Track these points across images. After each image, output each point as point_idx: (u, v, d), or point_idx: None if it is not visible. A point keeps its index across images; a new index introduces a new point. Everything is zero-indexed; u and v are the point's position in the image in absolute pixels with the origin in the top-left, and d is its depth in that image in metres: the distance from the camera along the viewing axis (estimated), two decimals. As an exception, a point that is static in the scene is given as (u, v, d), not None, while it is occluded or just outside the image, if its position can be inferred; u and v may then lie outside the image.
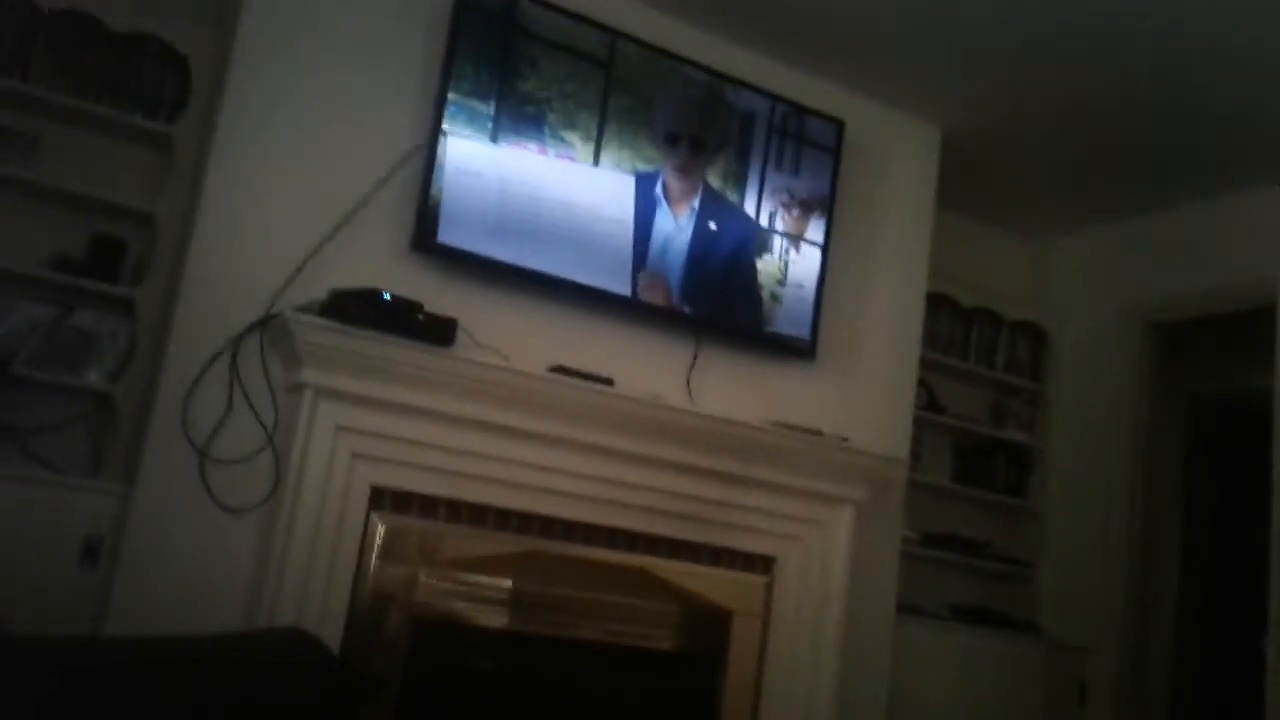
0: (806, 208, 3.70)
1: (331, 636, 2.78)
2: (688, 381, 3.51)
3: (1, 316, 3.03)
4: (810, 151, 3.73)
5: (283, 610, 2.74)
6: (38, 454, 3.04)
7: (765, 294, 3.60)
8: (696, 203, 3.51)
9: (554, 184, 3.26)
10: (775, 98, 3.67)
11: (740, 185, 3.59)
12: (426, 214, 3.07)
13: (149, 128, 3.29)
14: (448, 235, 3.10)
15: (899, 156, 4.08)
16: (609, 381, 3.23)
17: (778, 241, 3.64)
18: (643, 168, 3.42)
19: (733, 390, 3.59)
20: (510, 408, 3.06)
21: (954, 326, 4.68)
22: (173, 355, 2.86)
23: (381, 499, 2.97)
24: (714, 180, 3.55)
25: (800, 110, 3.72)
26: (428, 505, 3.03)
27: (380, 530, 2.96)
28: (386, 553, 2.96)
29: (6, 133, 3.16)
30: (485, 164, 3.16)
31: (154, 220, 3.23)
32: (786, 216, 3.67)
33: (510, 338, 3.21)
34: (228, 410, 2.87)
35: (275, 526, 2.81)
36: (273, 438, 2.90)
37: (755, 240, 3.61)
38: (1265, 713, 3.66)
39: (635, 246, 3.38)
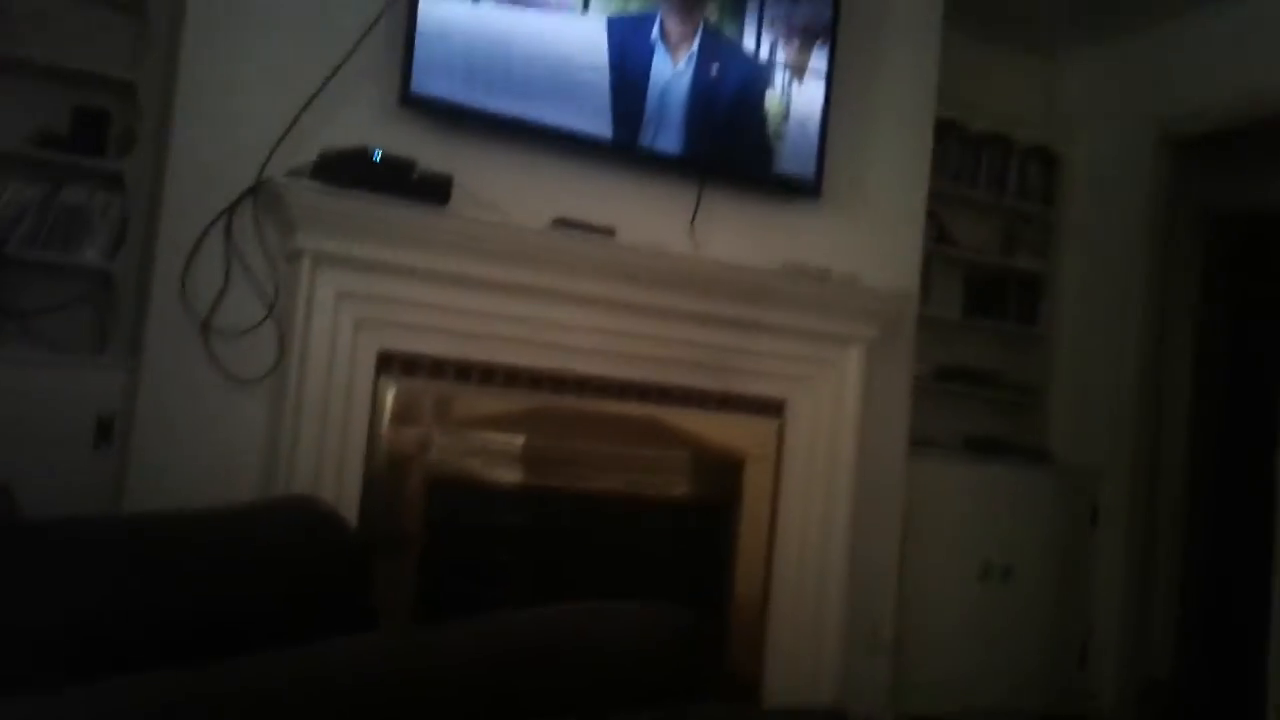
0: (809, 36, 3.56)
1: (349, 501, 2.83)
2: (691, 227, 3.45)
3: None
4: (810, -26, 3.56)
5: (299, 478, 2.78)
6: (42, 334, 3.03)
7: (770, 133, 3.50)
8: (696, 45, 3.38)
9: (548, 33, 3.13)
10: (771, -81, 3.49)
11: (739, 17, 3.45)
12: (414, 67, 2.96)
13: (121, -8, 3.16)
14: (434, 87, 2.99)
15: (903, -23, 3.89)
16: (611, 232, 3.17)
17: (780, 75, 3.52)
18: (637, 7, 3.28)
19: (738, 234, 3.54)
20: (512, 264, 3.03)
21: (963, 154, 4.56)
22: (166, 228, 2.81)
23: (389, 363, 2.97)
24: (712, 15, 3.40)
25: (798, -68, 3.54)
26: (436, 367, 3.03)
27: (390, 394, 2.97)
28: (398, 416, 2.98)
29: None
30: (470, 11, 3.02)
31: (135, 89, 3.13)
32: (788, 47, 3.53)
33: (508, 193, 3.15)
34: (226, 283, 2.84)
35: (284, 397, 2.82)
36: (274, 308, 2.88)
37: (758, 78, 3.48)
38: (1277, 530, 3.71)
39: (633, 93, 3.27)
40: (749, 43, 3.47)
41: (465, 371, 3.07)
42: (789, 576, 3.54)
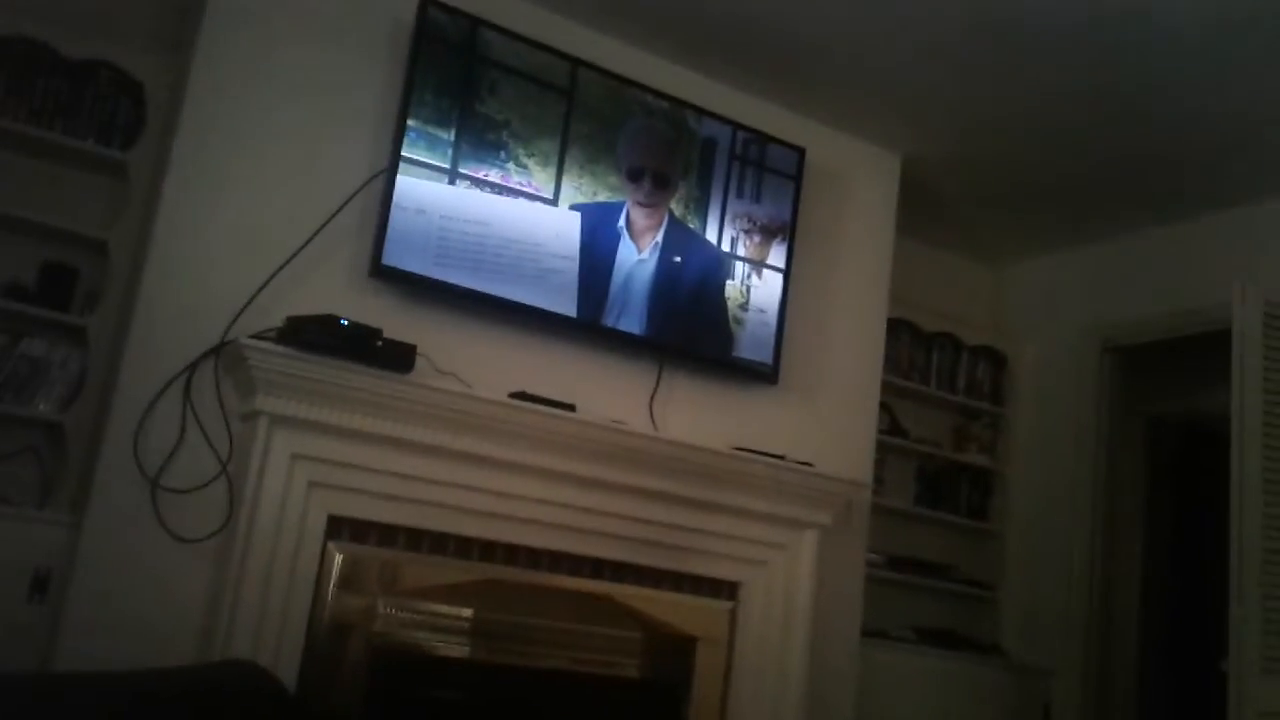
0: (768, 233, 3.71)
1: (289, 668, 2.73)
2: (650, 407, 3.50)
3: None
4: (772, 178, 3.74)
5: (238, 643, 2.68)
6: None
7: (728, 320, 3.60)
8: (660, 235, 3.51)
9: (513, 217, 3.24)
10: (737, 125, 3.69)
11: (702, 211, 3.60)
12: (385, 240, 3.04)
13: (103, 154, 3.25)
14: (407, 261, 3.07)
15: (860, 183, 4.10)
16: (571, 407, 3.20)
17: (740, 267, 3.65)
18: (605, 197, 3.42)
19: (696, 415, 3.58)
20: (471, 434, 3.03)
21: (915, 351, 4.71)
22: (125, 383, 2.80)
23: (339, 528, 2.92)
24: (676, 209, 3.55)
25: (762, 137, 3.73)
26: (387, 534, 2.99)
27: (338, 559, 2.91)
28: (345, 582, 2.91)
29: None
30: (445, 193, 3.14)
31: (107, 247, 3.18)
32: (748, 242, 3.67)
33: (471, 364, 3.19)
34: (180, 439, 2.82)
35: (230, 557, 2.75)
36: (227, 466, 2.85)
37: (719, 267, 3.61)
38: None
39: (595, 276, 3.36)
40: (711, 235, 3.61)
41: (416, 539, 3.03)
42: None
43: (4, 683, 1.64)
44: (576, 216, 3.36)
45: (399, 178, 3.07)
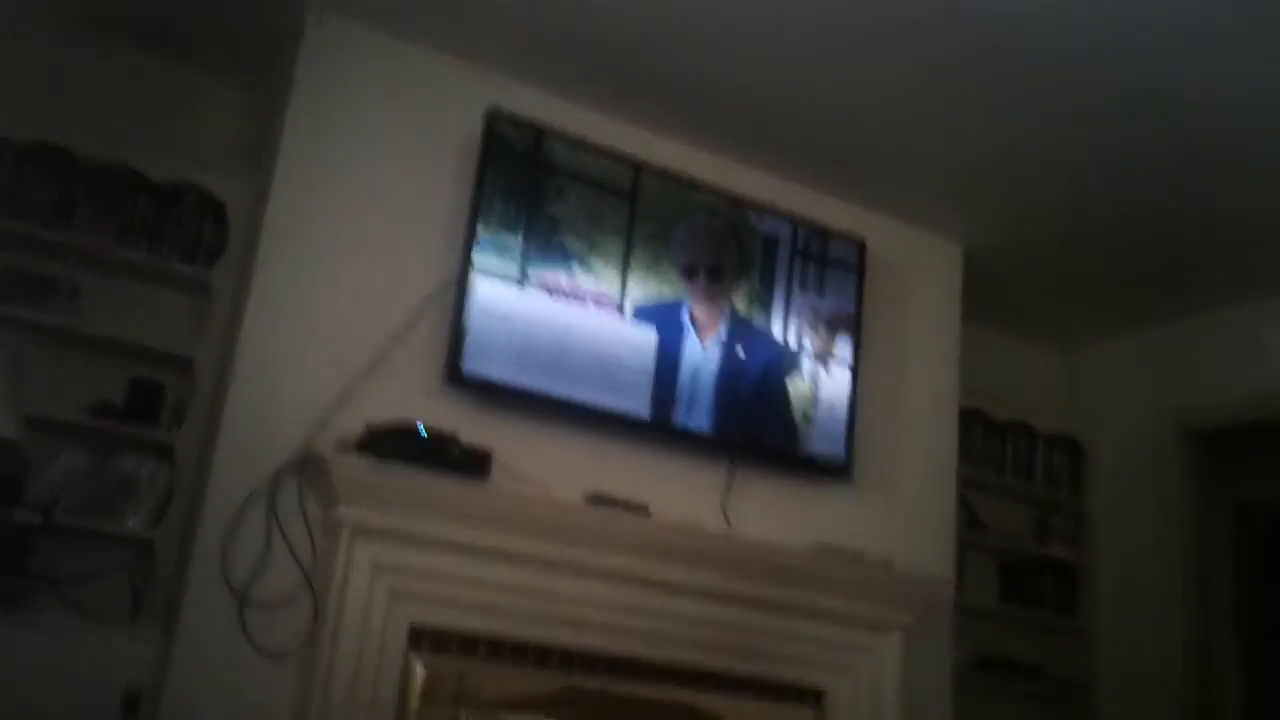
0: (833, 326, 3.71)
1: (374, 782, 2.71)
2: (723, 506, 3.47)
3: (43, 465, 3.04)
4: (834, 271, 3.76)
5: (324, 756, 2.67)
6: (78, 603, 3.01)
7: (797, 415, 3.59)
8: (723, 329, 3.53)
9: (583, 322, 3.29)
10: (797, 220, 3.72)
11: (766, 308, 3.61)
12: (459, 347, 3.09)
13: (187, 273, 3.35)
14: (480, 367, 3.11)
15: (923, 272, 4.10)
16: (645, 508, 3.19)
17: (806, 362, 3.64)
18: (669, 295, 3.45)
19: (770, 513, 3.55)
20: (548, 538, 3.03)
21: (989, 442, 4.62)
22: (211, 498, 2.85)
23: (420, 638, 2.92)
24: (740, 305, 3.57)
25: (823, 232, 3.76)
26: (467, 643, 2.98)
27: (420, 672, 2.90)
28: (427, 695, 2.90)
29: (49, 282, 3.22)
30: (514, 299, 3.19)
31: (193, 364, 3.27)
32: (814, 336, 3.67)
33: (544, 467, 3.20)
34: (266, 551, 2.85)
35: (314, 671, 2.76)
36: (311, 579, 2.87)
37: (784, 362, 3.61)
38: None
39: (664, 374, 3.38)
40: (776, 329, 3.61)
41: (496, 649, 3.01)
42: None
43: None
44: (646, 317, 3.39)
45: (472, 284, 3.13)
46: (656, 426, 3.37)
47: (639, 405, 3.33)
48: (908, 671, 3.54)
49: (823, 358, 3.67)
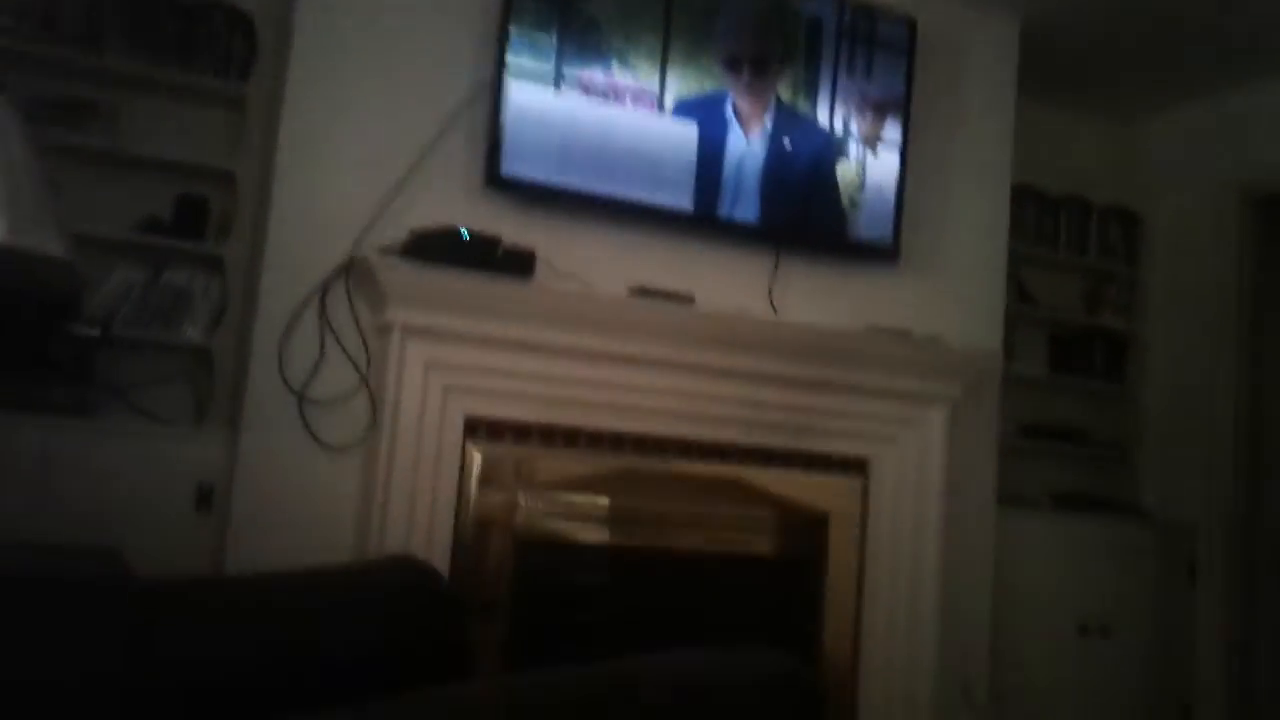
0: (881, 110, 3.62)
1: (438, 563, 2.87)
2: (770, 295, 3.49)
3: (99, 281, 3.14)
4: (882, 53, 3.62)
5: (391, 542, 2.84)
6: (144, 409, 3.17)
7: (844, 200, 3.55)
8: (769, 121, 3.45)
9: (622, 117, 3.23)
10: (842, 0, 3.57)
11: (812, 94, 3.52)
12: (497, 149, 3.08)
13: (222, 88, 3.34)
14: (520, 169, 3.10)
15: (976, 50, 3.95)
16: (690, 299, 3.23)
17: (853, 147, 3.57)
18: (711, 87, 3.37)
19: (817, 300, 3.57)
20: (594, 331, 3.09)
21: (1041, 216, 4.56)
22: (264, 305, 2.94)
23: (476, 428, 3.03)
24: (785, 93, 3.48)
25: (869, 10, 3.61)
26: (521, 431, 3.09)
27: (477, 458, 3.03)
28: (485, 479, 3.04)
29: (87, 105, 3.25)
30: (551, 99, 3.14)
31: (234, 177, 3.30)
32: (861, 121, 3.59)
33: (588, 265, 3.23)
34: (321, 355, 2.95)
35: (376, 463, 2.90)
36: (366, 378, 2.98)
37: (831, 149, 3.54)
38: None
39: (707, 167, 3.34)
40: (823, 117, 3.53)
41: (549, 435, 3.13)
42: (879, 634, 3.50)
43: (198, 587, 1.78)
44: (687, 112, 3.33)
45: (507, 85, 3.08)
46: (700, 219, 3.36)
47: (682, 199, 3.31)
48: (954, 439, 3.62)
49: (870, 142, 3.60)
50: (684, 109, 3.33)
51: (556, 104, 3.15)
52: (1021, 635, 3.92)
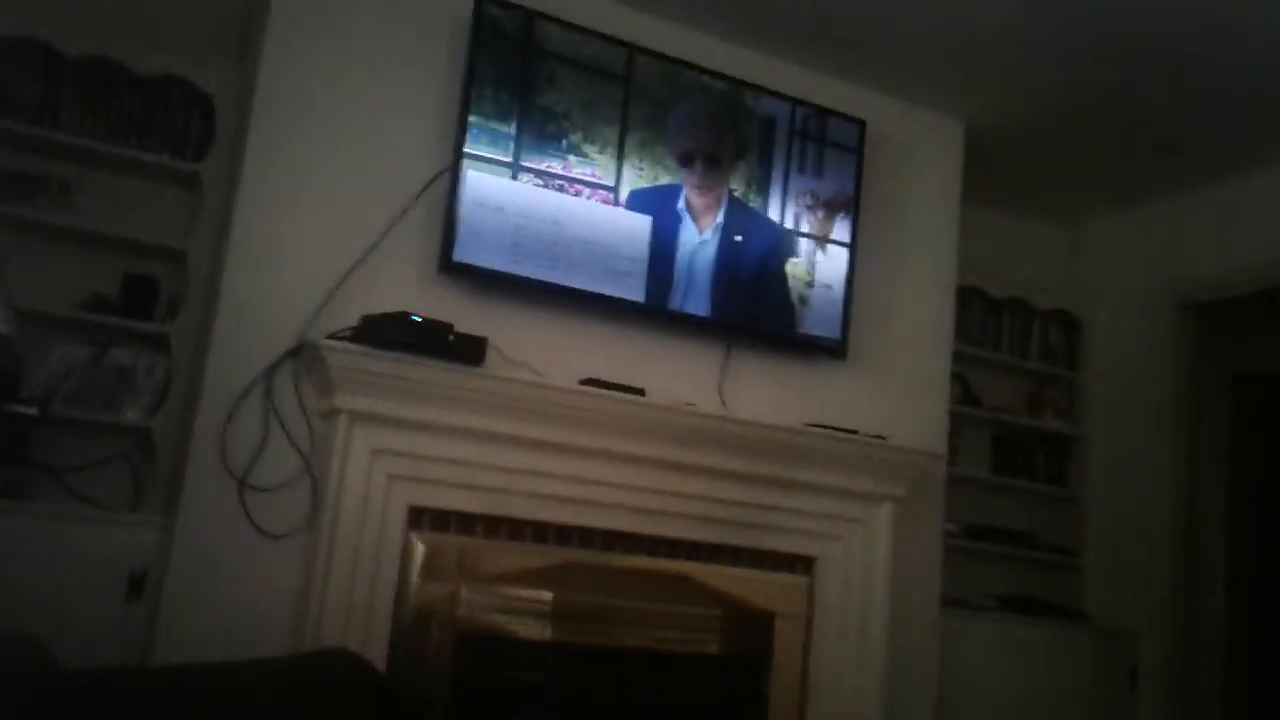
0: (831, 208, 3.70)
1: (376, 655, 2.80)
2: (719, 388, 3.51)
3: (40, 359, 3.08)
4: (833, 152, 3.72)
5: (327, 632, 2.77)
6: (79, 491, 3.09)
7: (794, 297, 3.60)
8: (720, 216, 3.51)
9: (575, 207, 3.27)
10: (796, 101, 3.67)
11: (764, 190, 3.59)
12: (452, 236, 3.10)
13: (177, 167, 3.35)
14: (473, 256, 3.12)
15: (923, 152, 4.07)
16: (640, 392, 3.23)
17: (804, 244, 3.64)
18: (665, 179, 3.43)
19: (765, 394, 3.59)
20: (543, 422, 3.08)
21: (986, 319, 4.66)
22: (209, 387, 2.90)
23: (420, 518, 2.99)
24: (737, 188, 3.55)
25: (821, 111, 3.71)
26: (465, 522, 3.06)
27: (420, 549, 2.98)
28: (427, 570, 2.98)
29: (39, 180, 3.23)
30: (507, 187, 3.18)
31: (186, 256, 3.28)
32: (812, 218, 3.66)
33: (540, 354, 3.23)
34: (264, 439, 2.91)
35: (316, 550, 2.84)
36: (310, 464, 2.93)
37: (781, 245, 3.60)
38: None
39: (660, 260, 3.39)
40: (774, 213, 3.60)
41: (494, 526, 3.09)
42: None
43: (122, 678, 1.72)
44: (642, 204, 3.38)
45: (465, 174, 3.11)
46: (652, 311, 3.39)
47: (635, 290, 3.34)
48: (899, 539, 3.63)
49: (820, 239, 3.67)
50: (638, 201, 3.38)
51: (513, 193, 3.18)
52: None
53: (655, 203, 3.41)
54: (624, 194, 3.36)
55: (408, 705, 2.87)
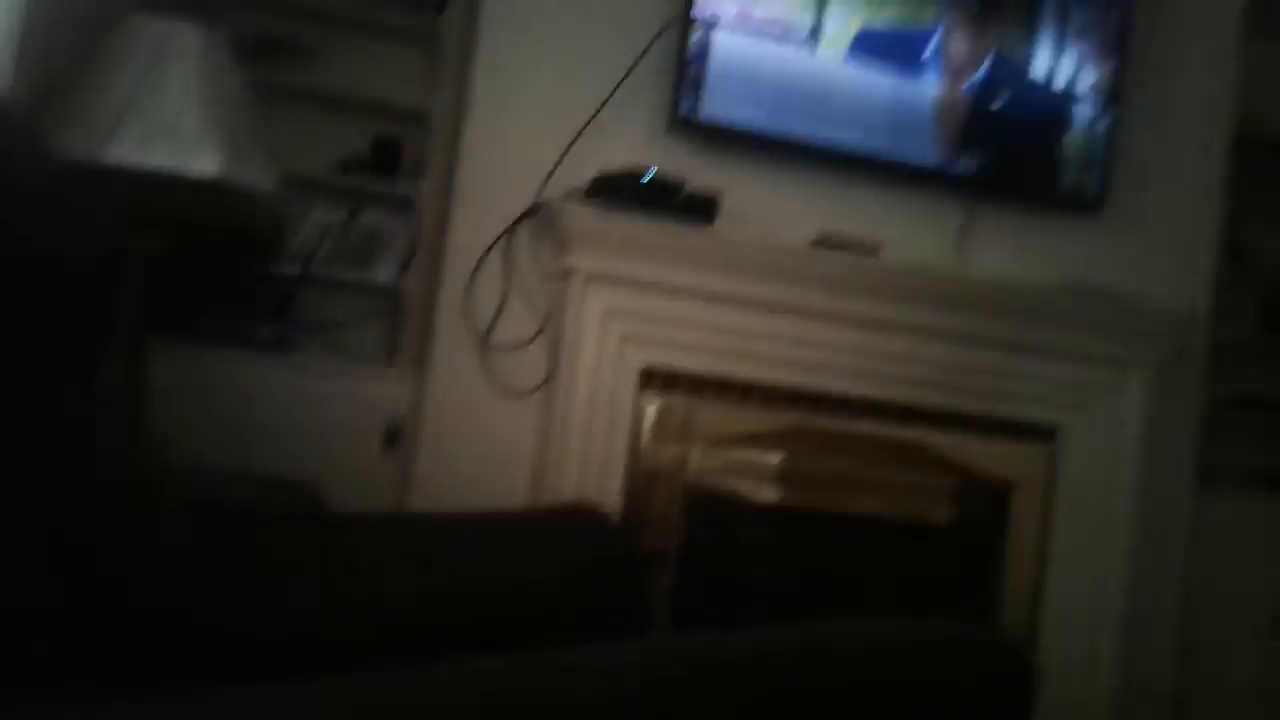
0: (1098, 54, 3.39)
1: (610, 511, 2.90)
2: (961, 244, 3.35)
3: (299, 220, 3.25)
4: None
5: (565, 487, 2.90)
6: (337, 347, 3.29)
7: (1048, 149, 3.36)
8: (980, 61, 3.28)
9: (812, 59, 3.13)
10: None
11: (1027, 37, 3.33)
12: (683, 90, 3.04)
13: (415, 27, 3.39)
14: (706, 109, 3.05)
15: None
16: (875, 248, 3.13)
17: (1064, 93, 3.36)
18: (921, 24, 3.22)
19: (1011, 251, 3.40)
20: (775, 281, 3.04)
21: (1264, 166, 4.20)
22: (452, 249, 3.01)
23: (651, 379, 3.04)
24: (998, 35, 3.30)
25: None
26: (695, 384, 3.08)
27: (651, 410, 3.03)
28: (658, 432, 3.04)
29: (281, 42, 3.33)
30: (745, 42, 3.06)
31: (428, 118, 3.35)
32: (1076, 66, 3.37)
33: (773, 210, 3.17)
34: (504, 300, 3.00)
35: (553, 410, 2.94)
36: (546, 324, 3.00)
37: (1039, 93, 3.35)
38: None
39: (905, 109, 3.21)
40: (1036, 62, 3.34)
41: (724, 388, 3.10)
42: (1058, 614, 3.36)
43: (401, 523, 1.85)
44: (888, 52, 3.20)
45: (694, 26, 3.02)
46: (893, 164, 3.24)
47: (876, 142, 3.19)
48: (1153, 409, 3.42)
49: (1083, 88, 3.38)
50: (884, 47, 3.20)
51: (744, 46, 3.07)
52: (1213, 627, 3.69)
53: (906, 48, 3.21)
54: (866, 40, 3.17)
55: (644, 557, 2.98)
